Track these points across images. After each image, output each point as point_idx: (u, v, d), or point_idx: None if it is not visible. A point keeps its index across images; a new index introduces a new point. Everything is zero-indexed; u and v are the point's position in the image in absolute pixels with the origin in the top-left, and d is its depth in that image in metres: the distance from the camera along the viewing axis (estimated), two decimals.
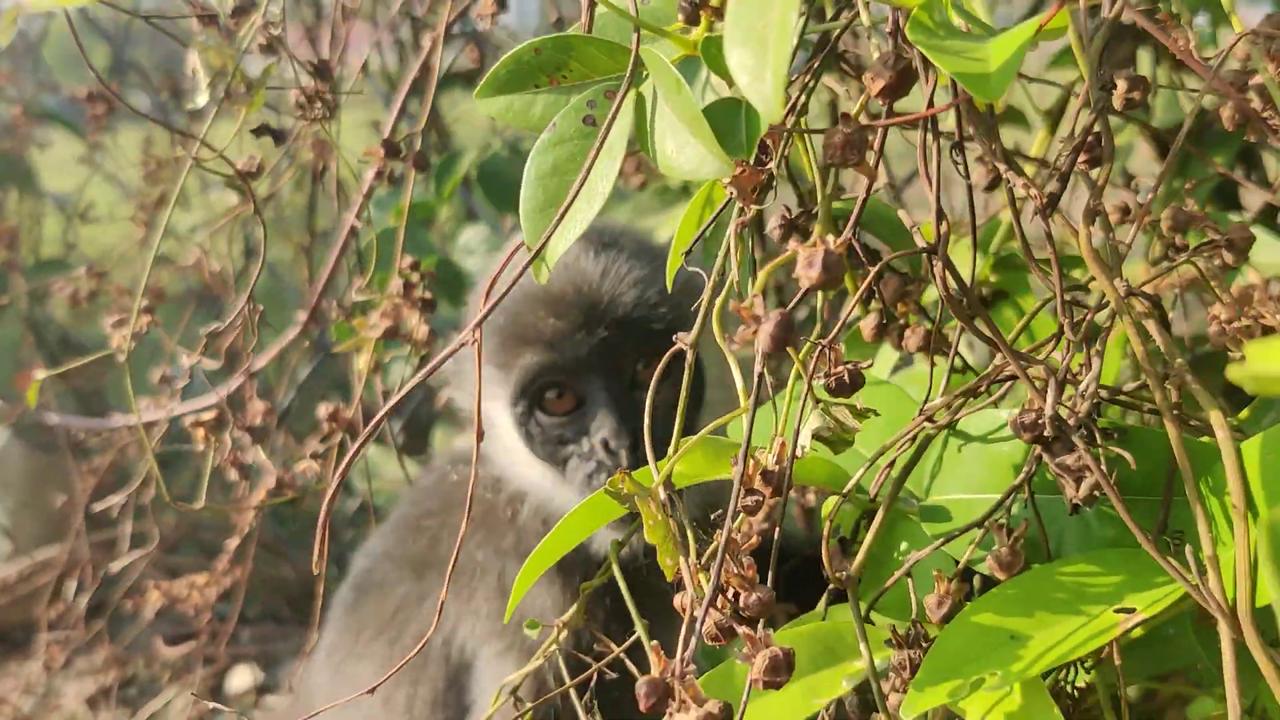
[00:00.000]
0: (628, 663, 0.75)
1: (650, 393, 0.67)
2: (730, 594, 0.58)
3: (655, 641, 0.56)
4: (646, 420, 0.66)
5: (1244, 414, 0.72)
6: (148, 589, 1.44)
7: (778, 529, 0.64)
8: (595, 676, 0.77)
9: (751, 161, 0.64)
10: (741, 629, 0.56)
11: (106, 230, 2.84)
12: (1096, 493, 0.62)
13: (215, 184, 2.51)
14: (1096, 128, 0.64)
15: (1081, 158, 0.64)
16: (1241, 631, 0.55)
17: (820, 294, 0.78)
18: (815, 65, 0.75)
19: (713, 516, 0.64)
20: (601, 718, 0.96)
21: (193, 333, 2.44)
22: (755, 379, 0.63)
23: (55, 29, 2.94)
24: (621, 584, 0.73)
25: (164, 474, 1.56)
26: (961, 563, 0.67)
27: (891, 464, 0.73)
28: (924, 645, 0.64)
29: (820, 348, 0.63)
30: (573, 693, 0.76)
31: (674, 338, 0.67)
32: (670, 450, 0.67)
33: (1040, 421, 0.61)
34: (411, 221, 1.86)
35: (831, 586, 0.74)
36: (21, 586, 2.27)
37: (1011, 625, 0.62)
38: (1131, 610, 0.60)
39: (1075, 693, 0.68)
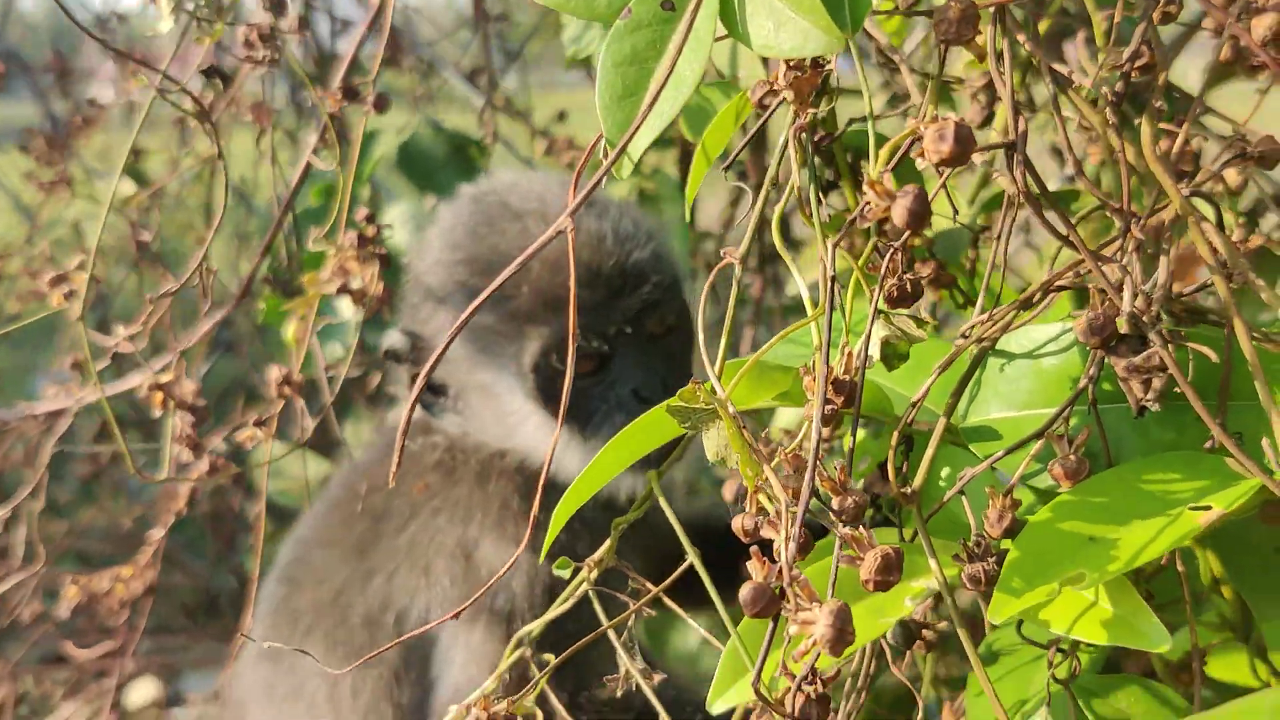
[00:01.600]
0: (665, 600, 0.72)
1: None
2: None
3: (755, 546, 0.53)
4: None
5: None
6: (65, 583, 1.32)
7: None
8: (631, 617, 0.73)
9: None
10: (844, 531, 0.53)
11: None
12: (1157, 398, 0.62)
13: (104, 173, 2.37)
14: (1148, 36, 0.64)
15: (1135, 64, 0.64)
16: None
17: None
18: None
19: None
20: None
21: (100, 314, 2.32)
22: (828, 285, 0.61)
23: None
24: (670, 515, 0.69)
25: (51, 480, 1.45)
26: (1015, 478, 0.65)
27: (925, 392, 0.70)
28: (993, 557, 0.62)
29: (892, 250, 0.61)
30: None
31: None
32: (716, 371, 0.64)
33: (1113, 322, 0.60)
34: (329, 205, 1.80)
35: (873, 514, 0.72)
36: None
37: (1088, 529, 0.61)
38: (1208, 508, 0.59)
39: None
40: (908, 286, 0.63)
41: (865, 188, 0.52)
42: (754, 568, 0.52)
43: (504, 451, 1.09)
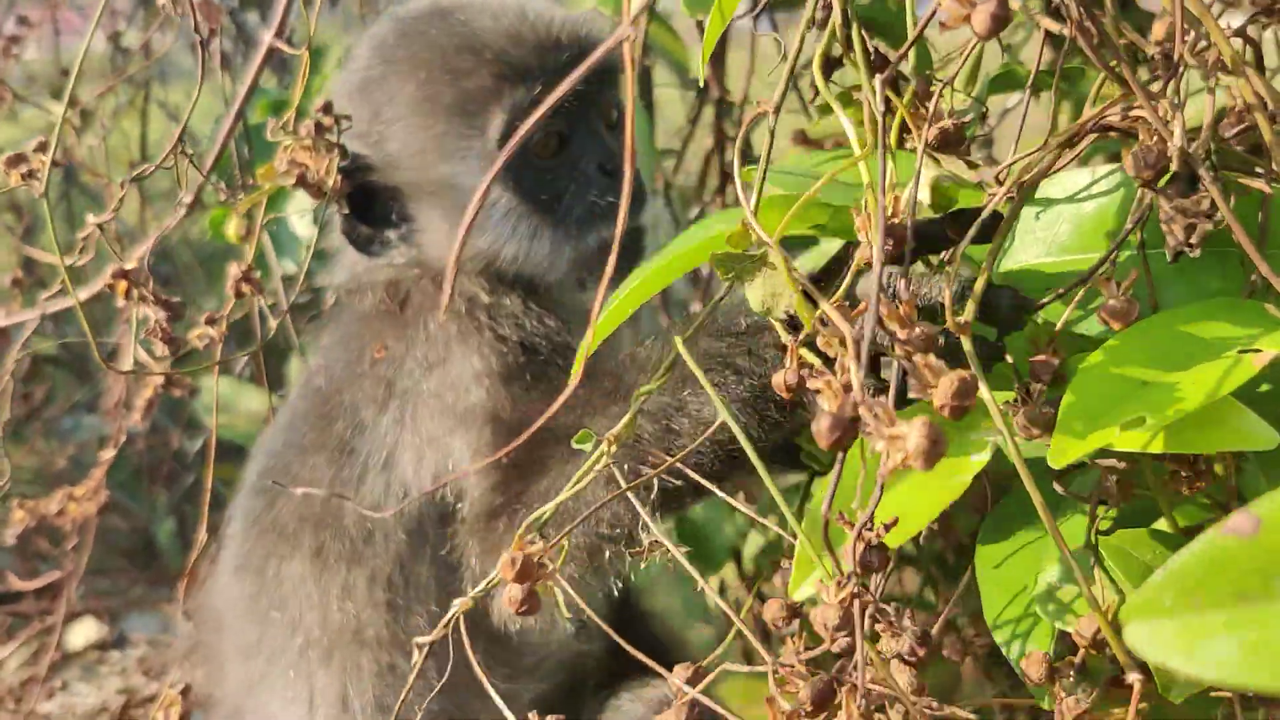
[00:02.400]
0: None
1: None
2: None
3: (828, 378, 0.51)
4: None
5: None
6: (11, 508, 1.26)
7: None
8: None
9: None
10: (918, 358, 0.51)
11: None
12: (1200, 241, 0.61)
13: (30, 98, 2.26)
14: None
15: None
16: None
17: None
18: None
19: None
20: None
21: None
22: (880, 122, 0.58)
23: None
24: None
25: None
26: (1060, 323, 0.64)
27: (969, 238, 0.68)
28: (1047, 403, 0.61)
29: (941, 87, 0.59)
30: None
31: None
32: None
33: (1165, 157, 0.59)
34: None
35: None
36: None
37: (1141, 374, 0.60)
38: (1259, 350, 0.59)
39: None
40: (952, 129, 0.62)
41: None
42: (826, 397, 0.50)
43: (466, 261, 1.04)
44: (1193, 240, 0.61)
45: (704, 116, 1.81)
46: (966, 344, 0.57)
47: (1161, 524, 0.70)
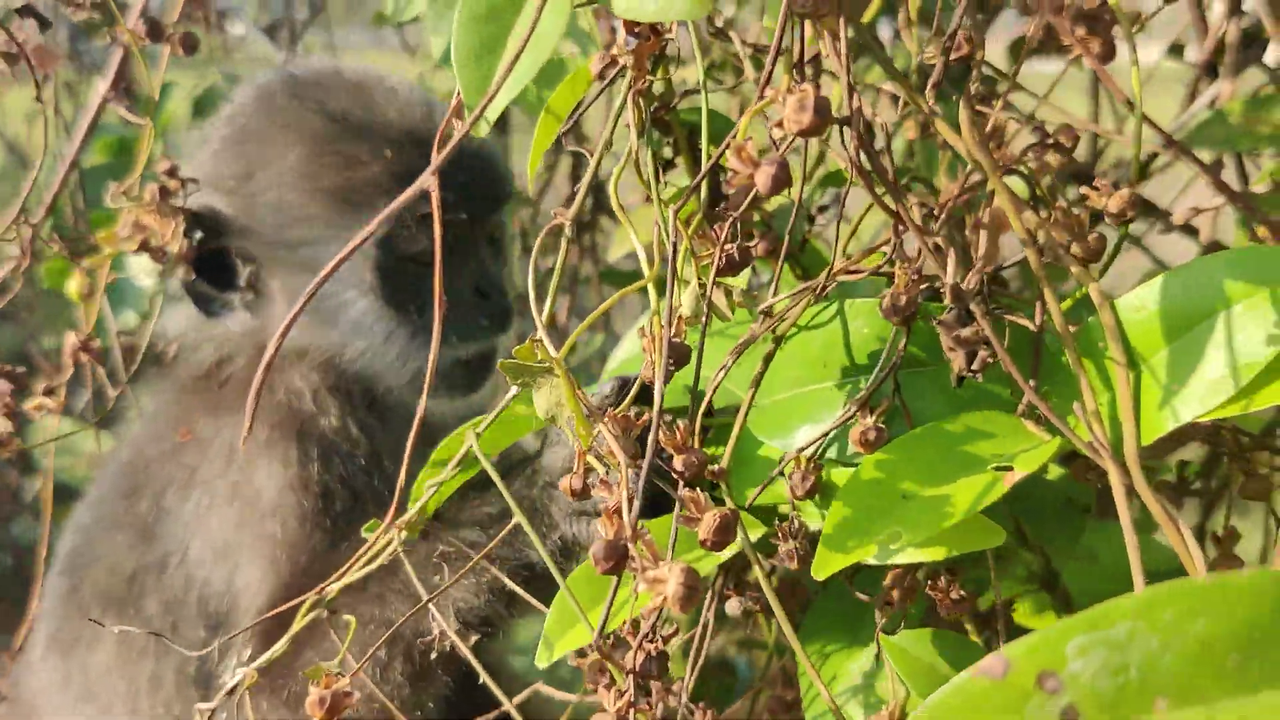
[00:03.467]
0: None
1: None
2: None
3: (605, 505, 0.53)
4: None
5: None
6: None
7: None
8: None
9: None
10: (684, 492, 0.54)
11: None
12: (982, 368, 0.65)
13: None
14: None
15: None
16: (1130, 475, 0.59)
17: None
18: None
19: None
20: None
21: None
22: (670, 247, 0.62)
23: None
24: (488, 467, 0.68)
25: None
26: (813, 450, 0.67)
27: (725, 371, 0.71)
28: (806, 536, 0.64)
29: (731, 219, 0.62)
30: None
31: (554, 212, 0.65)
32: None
33: (915, 301, 0.63)
34: (117, 162, 1.70)
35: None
36: None
37: (902, 487, 0.64)
38: (1009, 468, 0.63)
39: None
40: (736, 255, 0.65)
41: (730, 154, 0.52)
42: (604, 525, 0.52)
43: (305, 349, 1.00)
44: (974, 367, 0.65)
45: (561, 165, 1.85)
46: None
47: None
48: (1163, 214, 1.14)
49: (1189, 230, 1.18)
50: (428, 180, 0.55)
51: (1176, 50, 1.51)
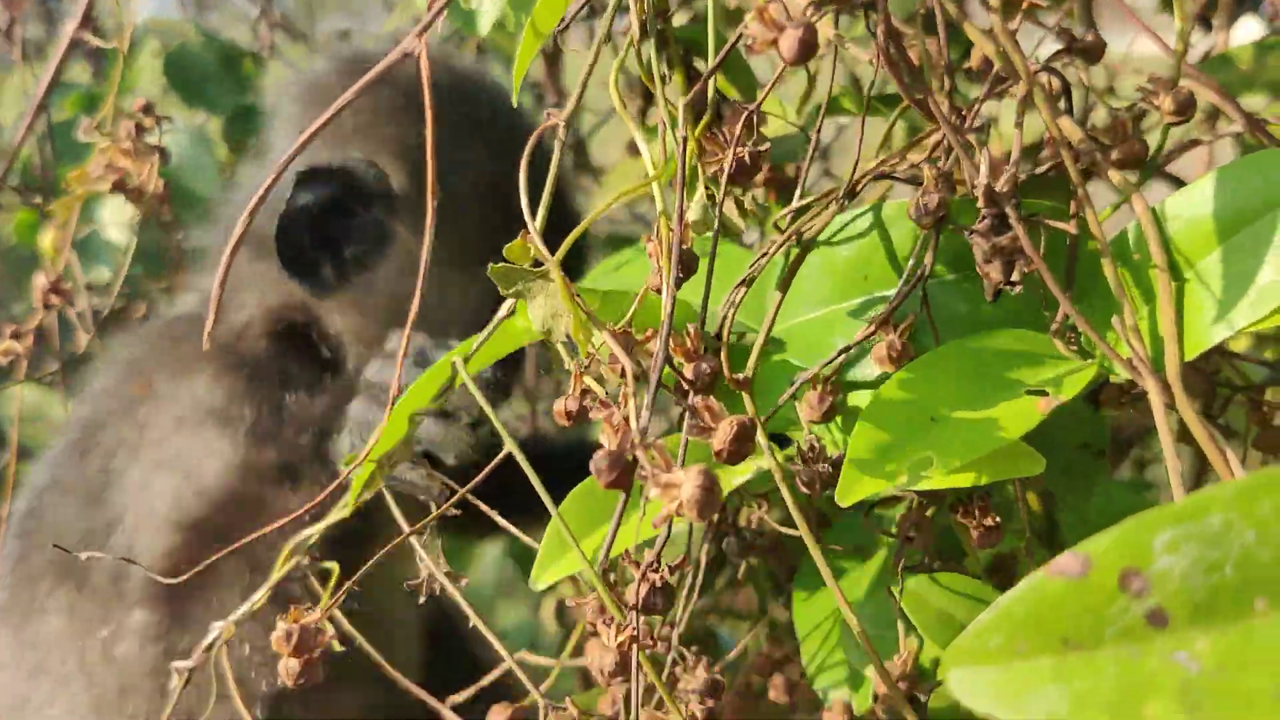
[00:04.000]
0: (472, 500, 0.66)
1: None
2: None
3: (610, 411, 0.48)
4: None
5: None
6: None
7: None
8: None
9: None
10: (697, 399, 0.49)
11: None
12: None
13: None
14: None
15: None
16: (1173, 396, 0.54)
17: None
18: None
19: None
20: None
21: None
22: (682, 145, 0.57)
23: None
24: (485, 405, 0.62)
25: None
26: (834, 368, 0.62)
27: (746, 285, 0.66)
28: (827, 461, 0.59)
29: (745, 115, 0.57)
30: None
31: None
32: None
33: (945, 203, 0.59)
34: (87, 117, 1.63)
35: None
36: None
37: (930, 408, 0.59)
38: (1044, 392, 0.58)
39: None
40: (748, 159, 0.60)
41: (750, 18, 0.47)
42: (606, 434, 0.47)
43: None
44: (1014, 278, 0.60)
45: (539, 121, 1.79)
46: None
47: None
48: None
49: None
50: None
51: (1167, 2, 1.47)
